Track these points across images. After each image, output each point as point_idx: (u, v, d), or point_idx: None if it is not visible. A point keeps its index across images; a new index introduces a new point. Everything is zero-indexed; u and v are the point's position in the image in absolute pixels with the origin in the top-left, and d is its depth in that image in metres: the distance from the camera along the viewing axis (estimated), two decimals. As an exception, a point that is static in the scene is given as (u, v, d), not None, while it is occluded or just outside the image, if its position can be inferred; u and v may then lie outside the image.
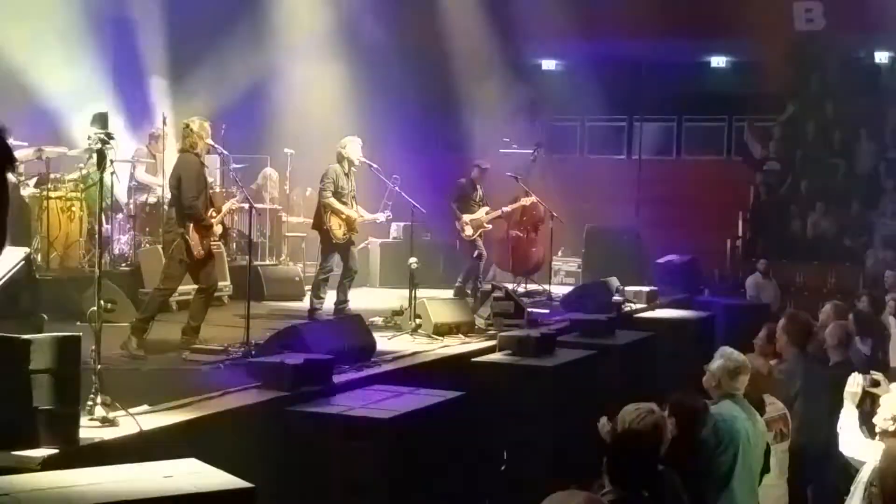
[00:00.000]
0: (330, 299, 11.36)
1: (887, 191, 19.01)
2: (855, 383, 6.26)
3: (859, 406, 6.20)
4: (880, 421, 5.62)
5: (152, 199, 12.75)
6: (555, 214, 14.83)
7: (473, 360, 8.55)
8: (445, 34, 20.28)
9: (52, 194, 11.35)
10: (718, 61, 23.20)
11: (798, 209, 19.59)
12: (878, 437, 5.65)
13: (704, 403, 6.12)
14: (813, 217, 19.29)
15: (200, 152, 9.10)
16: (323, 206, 11.16)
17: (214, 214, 9.14)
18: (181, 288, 9.66)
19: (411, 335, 9.89)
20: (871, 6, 20.14)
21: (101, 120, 7.64)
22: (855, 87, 21.42)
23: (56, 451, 5.05)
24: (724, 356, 6.42)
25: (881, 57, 21.75)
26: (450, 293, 13.13)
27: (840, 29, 21.24)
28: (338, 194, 11.14)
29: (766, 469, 6.50)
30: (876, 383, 6.33)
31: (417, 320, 10.06)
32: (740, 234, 19.96)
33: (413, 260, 10.57)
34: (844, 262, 18.36)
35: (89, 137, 6.73)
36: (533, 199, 14.61)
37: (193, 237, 8.80)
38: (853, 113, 20.89)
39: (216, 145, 10.52)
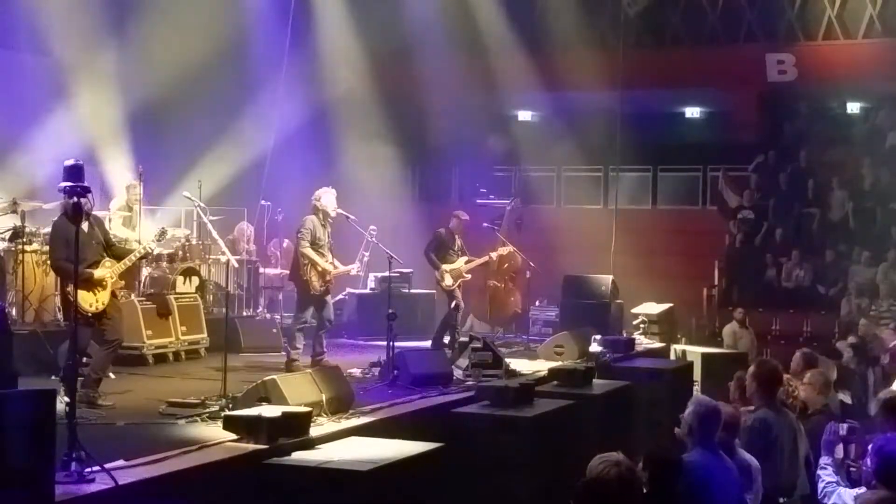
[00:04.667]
0: (307, 351, 11.34)
1: (860, 239, 19.14)
2: (831, 431, 6.28)
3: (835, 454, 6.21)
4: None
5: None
6: (532, 264, 14.87)
7: (452, 410, 8.52)
8: (423, 85, 20.42)
9: (27, 248, 11.31)
10: (693, 112, 23.47)
11: (773, 258, 19.69)
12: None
13: (679, 455, 6.08)
14: (788, 265, 19.39)
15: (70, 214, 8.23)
16: (301, 255, 11.15)
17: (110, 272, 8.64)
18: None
19: (389, 386, 9.86)
20: (843, 58, 20.46)
21: (76, 173, 7.64)
22: (827, 137, 21.69)
23: (30, 507, 4.99)
24: (696, 402, 6.42)
25: (853, 107, 22.03)
26: (427, 344, 13.11)
27: (812, 80, 21.53)
28: (314, 245, 11.14)
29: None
30: (852, 431, 6.36)
31: (395, 371, 10.04)
32: (716, 282, 20.03)
33: (391, 311, 10.57)
34: (820, 310, 18.46)
35: (65, 191, 6.70)
36: (509, 248, 14.63)
37: (78, 295, 8.10)
38: (826, 162, 21.11)
39: (192, 197, 10.55)
